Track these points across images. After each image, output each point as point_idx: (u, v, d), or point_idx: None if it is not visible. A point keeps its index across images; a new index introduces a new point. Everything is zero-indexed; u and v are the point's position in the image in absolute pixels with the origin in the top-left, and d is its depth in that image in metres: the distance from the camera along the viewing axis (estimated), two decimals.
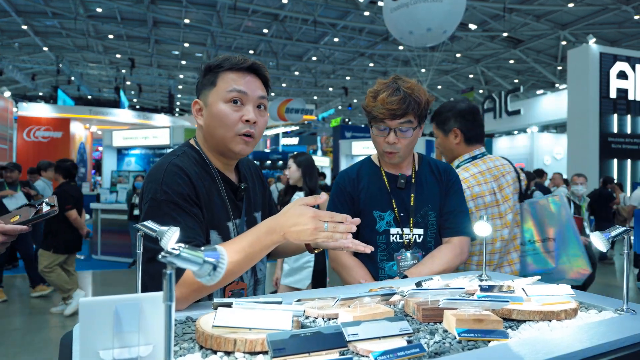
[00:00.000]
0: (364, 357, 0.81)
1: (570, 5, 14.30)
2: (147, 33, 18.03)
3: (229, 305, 0.92)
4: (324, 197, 1.17)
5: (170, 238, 1.00)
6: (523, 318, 1.04)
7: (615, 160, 11.28)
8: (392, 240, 1.73)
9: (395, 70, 22.27)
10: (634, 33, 16.35)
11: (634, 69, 11.37)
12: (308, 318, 1.05)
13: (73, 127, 16.26)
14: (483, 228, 1.38)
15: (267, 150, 26.95)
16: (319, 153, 27.14)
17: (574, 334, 0.92)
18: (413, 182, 1.78)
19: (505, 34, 16.80)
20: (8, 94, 14.63)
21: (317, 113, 26.07)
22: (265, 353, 0.81)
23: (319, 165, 20.84)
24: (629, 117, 11.38)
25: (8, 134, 12.31)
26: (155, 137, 10.13)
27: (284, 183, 4.00)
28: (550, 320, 1.03)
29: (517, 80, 23.03)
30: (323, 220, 1.09)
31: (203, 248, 0.68)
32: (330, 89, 27.10)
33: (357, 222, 1.17)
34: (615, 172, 11.17)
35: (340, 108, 29.08)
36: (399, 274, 1.69)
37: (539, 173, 8.77)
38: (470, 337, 0.89)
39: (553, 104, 15.03)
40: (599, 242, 1.16)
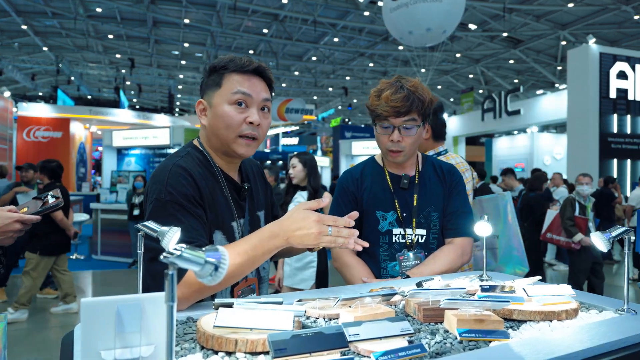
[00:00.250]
0: (365, 357, 0.81)
1: (570, 5, 14.30)
2: (147, 33, 18.02)
3: (230, 306, 0.92)
4: (327, 199, 1.16)
5: (172, 238, 1.00)
6: (524, 318, 1.04)
7: (615, 160, 11.28)
8: (394, 241, 1.74)
9: (395, 70, 22.27)
10: (634, 33, 16.35)
11: (634, 69, 11.37)
12: (309, 318, 1.05)
13: (73, 127, 16.26)
14: (483, 228, 1.38)
15: (267, 150, 26.98)
16: (319, 153, 27.14)
17: (575, 334, 0.92)
18: (416, 182, 1.78)
19: (505, 34, 16.79)
20: (8, 94, 14.62)
21: (317, 113, 26.07)
22: (267, 353, 0.81)
23: (319, 165, 20.78)
24: (629, 117, 11.38)
25: (8, 134, 12.30)
26: (155, 137, 10.12)
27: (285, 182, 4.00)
28: (551, 321, 1.03)
29: (517, 80, 23.04)
30: (327, 225, 1.08)
31: (204, 248, 0.68)
32: (330, 89, 27.10)
33: (355, 215, 1.18)
34: (615, 172, 11.17)
35: (340, 108, 29.07)
36: (401, 274, 1.69)
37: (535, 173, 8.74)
38: (471, 337, 0.89)
39: (553, 104, 15.01)
40: (600, 242, 1.16)
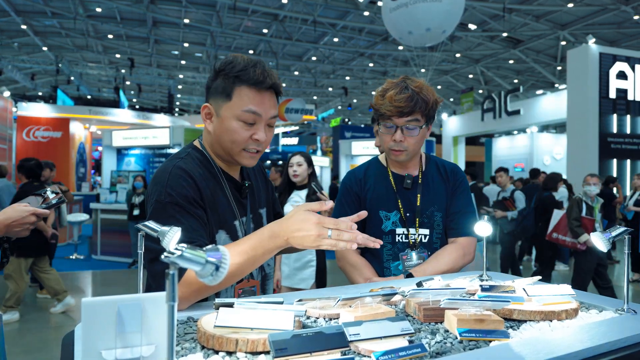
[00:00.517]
0: (366, 357, 0.81)
1: (570, 6, 14.31)
2: (146, 33, 18.02)
3: (231, 306, 0.92)
4: (330, 204, 1.16)
5: (172, 238, 1.00)
6: (524, 318, 1.04)
7: (615, 161, 11.28)
8: (397, 240, 1.74)
9: (395, 71, 22.28)
10: (634, 33, 16.36)
11: (634, 69, 11.36)
12: (309, 318, 1.05)
13: (72, 127, 16.24)
14: (483, 228, 1.38)
15: (267, 150, 26.97)
16: (319, 153, 27.15)
17: (575, 334, 0.92)
18: (420, 182, 1.79)
19: (505, 34, 16.80)
20: (7, 94, 14.62)
21: (316, 113, 26.06)
22: (267, 353, 0.82)
23: (319, 165, 20.84)
24: (629, 117, 11.38)
25: (7, 134, 12.29)
26: (155, 137, 10.11)
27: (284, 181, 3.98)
28: (551, 320, 1.03)
29: (516, 81, 23.04)
30: (327, 227, 1.08)
31: (205, 248, 0.68)
32: (330, 89, 27.10)
33: (363, 215, 1.19)
34: (615, 172, 11.17)
35: (340, 108, 29.07)
36: (404, 272, 1.70)
37: (534, 173, 8.74)
38: (472, 337, 0.89)
39: (553, 104, 15.00)
40: (600, 242, 1.16)
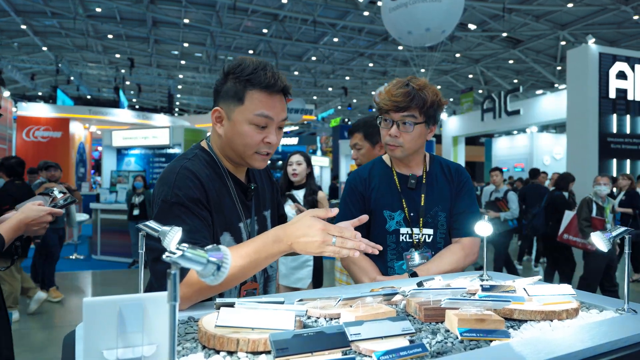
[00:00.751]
0: (367, 356, 0.81)
1: (570, 6, 14.31)
2: (146, 33, 18.01)
3: (232, 305, 0.93)
4: (335, 210, 1.17)
5: (173, 238, 1.00)
6: (525, 318, 1.04)
7: (615, 160, 11.27)
8: (401, 240, 1.75)
9: (395, 71, 22.29)
10: (633, 33, 16.36)
11: (633, 69, 11.36)
12: (310, 318, 1.05)
13: (72, 127, 16.22)
14: (484, 228, 1.39)
15: None
16: (319, 153, 27.15)
17: (576, 334, 0.92)
18: (424, 182, 1.80)
19: (505, 34, 16.80)
20: (7, 94, 14.62)
21: (316, 113, 26.06)
22: (268, 353, 0.82)
23: (319, 165, 20.84)
24: (628, 117, 11.38)
25: (7, 134, 12.29)
26: (155, 137, 10.10)
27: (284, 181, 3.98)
28: (552, 320, 1.03)
29: (516, 81, 23.04)
30: (331, 234, 1.08)
31: (207, 248, 0.68)
32: (330, 89, 27.09)
33: (364, 219, 1.21)
34: (615, 172, 11.15)
35: (340, 108, 29.05)
36: (408, 271, 1.71)
37: (534, 173, 8.73)
38: (472, 336, 0.89)
39: (552, 104, 14.99)
40: (600, 241, 1.17)
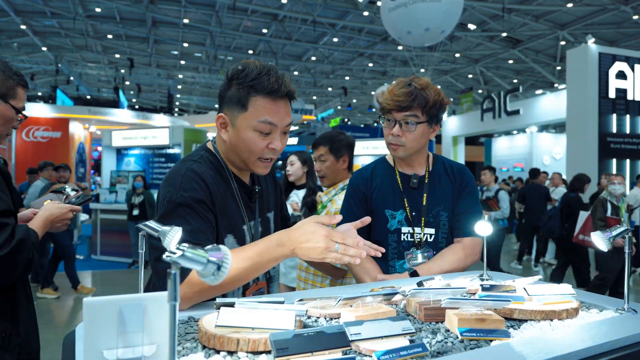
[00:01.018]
0: (367, 356, 0.81)
1: (569, 6, 14.31)
2: (146, 33, 18.01)
3: (232, 305, 0.93)
4: (339, 217, 1.17)
5: (173, 238, 1.00)
6: (525, 317, 1.04)
7: (615, 160, 11.28)
8: (403, 239, 1.75)
9: (394, 71, 22.29)
10: (633, 33, 16.36)
11: (633, 69, 11.36)
12: (310, 318, 1.05)
13: (72, 127, 16.22)
14: (484, 228, 1.39)
15: None
16: None
17: (576, 333, 0.92)
18: (426, 181, 1.80)
19: (505, 34, 16.80)
20: None
21: (316, 113, 26.07)
22: (268, 353, 0.82)
23: None
24: (628, 117, 11.38)
25: None
26: (155, 137, 10.10)
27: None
28: (552, 320, 1.03)
29: (516, 80, 23.04)
30: (334, 241, 1.08)
31: (207, 248, 0.68)
32: (330, 89, 27.09)
33: (367, 221, 1.24)
34: (615, 172, 11.17)
35: (340, 108, 29.06)
36: (409, 270, 1.71)
37: (534, 173, 8.72)
38: (473, 336, 0.89)
39: (552, 104, 14.99)
40: (600, 241, 1.17)
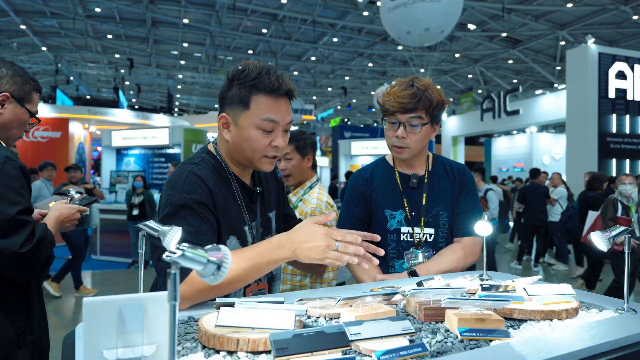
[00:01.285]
0: (367, 356, 0.81)
1: (569, 6, 14.31)
2: (146, 33, 18.01)
3: (232, 305, 0.93)
4: (333, 214, 1.20)
5: (172, 238, 1.00)
6: (524, 317, 1.04)
7: (614, 160, 11.28)
8: (402, 239, 1.76)
9: (394, 71, 22.29)
10: (633, 33, 16.37)
11: (633, 69, 11.36)
12: (310, 317, 1.05)
13: (72, 127, 16.20)
14: (483, 228, 1.39)
15: None
16: (318, 153, 27.15)
17: (575, 333, 0.92)
18: (426, 181, 1.80)
19: (504, 34, 16.80)
20: None
21: (316, 113, 26.07)
22: (268, 352, 0.82)
23: (319, 165, 20.81)
24: (628, 117, 11.38)
25: None
26: (155, 137, 10.10)
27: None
28: (552, 320, 1.03)
29: (516, 80, 23.05)
30: (334, 239, 1.10)
31: (207, 248, 0.68)
32: (330, 89, 27.09)
33: (376, 238, 1.22)
34: (614, 172, 11.16)
35: (340, 108, 29.06)
36: (408, 269, 1.71)
37: (534, 173, 8.72)
38: (472, 336, 0.89)
39: (552, 104, 15.00)
40: (600, 241, 1.17)
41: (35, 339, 1.54)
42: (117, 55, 21.16)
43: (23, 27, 16.94)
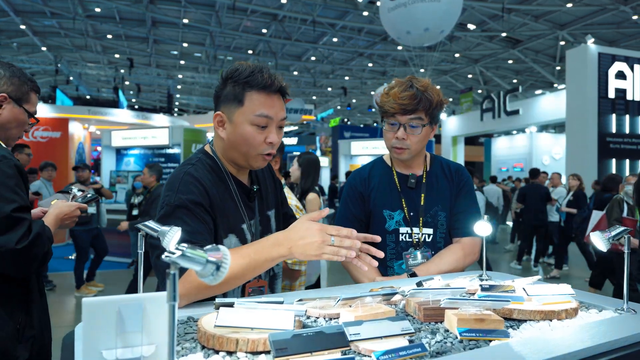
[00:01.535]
0: (366, 356, 0.81)
1: (569, 6, 14.31)
2: (145, 33, 18.00)
3: (231, 305, 0.93)
4: (327, 210, 1.22)
5: (172, 238, 1.00)
6: (524, 318, 1.04)
7: (614, 160, 11.28)
8: (401, 240, 1.75)
9: (394, 71, 22.28)
10: (633, 33, 16.37)
11: (633, 69, 11.37)
12: (310, 318, 1.05)
13: (72, 127, 16.19)
14: (483, 228, 1.39)
15: None
16: (318, 153, 27.13)
17: (575, 334, 0.92)
18: (424, 182, 1.80)
19: (504, 34, 16.80)
20: None
21: (316, 113, 26.06)
22: (268, 353, 0.82)
23: None
24: (628, 117, 11.39)
25: None
26: (154, 137, 10.10)
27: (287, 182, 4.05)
28: (551, 320, 1.03)
29: (515, 81, 23.05)
30: (329, 234, 1.11)
31: (206, 248, 0.68)
32: (329, 89, 27.08)
33: (377, 239, 1.24)
34: (614, 172, 11.17)
35: (339, 108, 29.05)
36: (407, 271, 1.71)
37: (534, 173, 8.70)
38: (472, 336, 0.89)
39: (552, 104, 15.00)
40: (599, 241, 1.17)
41: (35, 335, 1.57)
42: (117, 55, 21.15)
43: (23, 27, 16.93)
